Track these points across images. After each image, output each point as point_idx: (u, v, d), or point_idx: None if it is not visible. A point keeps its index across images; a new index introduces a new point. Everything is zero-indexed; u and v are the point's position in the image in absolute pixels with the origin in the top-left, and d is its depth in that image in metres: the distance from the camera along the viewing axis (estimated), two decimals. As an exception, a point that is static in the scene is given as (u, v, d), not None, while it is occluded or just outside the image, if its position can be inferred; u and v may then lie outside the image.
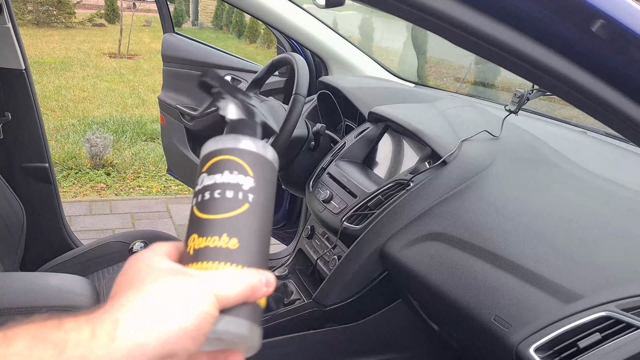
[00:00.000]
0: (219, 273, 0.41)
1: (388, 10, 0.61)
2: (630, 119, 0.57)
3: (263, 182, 0.45)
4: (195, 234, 0.43)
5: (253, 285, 0.41)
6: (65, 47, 9.54)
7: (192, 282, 0.39)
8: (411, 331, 1.40)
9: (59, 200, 1.99)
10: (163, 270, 0.40)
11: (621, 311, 0.80)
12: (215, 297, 0.39)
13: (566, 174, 1.19)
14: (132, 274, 0.40)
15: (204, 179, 0.45)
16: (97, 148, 3.98)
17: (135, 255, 0.43)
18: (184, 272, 0.40)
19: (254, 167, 0.45)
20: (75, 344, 0.34)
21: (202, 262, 0.42)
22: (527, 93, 1.16)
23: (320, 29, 1.93)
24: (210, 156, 0.46)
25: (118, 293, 0.39)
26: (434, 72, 6.87)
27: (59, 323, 0.35)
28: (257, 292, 0.41)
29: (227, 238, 0.42)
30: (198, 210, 0.44)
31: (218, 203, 0.43)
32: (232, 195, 0.43)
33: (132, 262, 0.42)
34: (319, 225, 1.51)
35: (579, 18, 0.52)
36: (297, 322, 1.35)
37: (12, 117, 1.76)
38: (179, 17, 13.43)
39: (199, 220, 0.43)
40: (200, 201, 0.44)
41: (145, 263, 0.41)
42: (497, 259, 0.98)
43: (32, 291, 1.20)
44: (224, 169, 0.44)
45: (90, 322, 0.35)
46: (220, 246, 0.42)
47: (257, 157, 0.46)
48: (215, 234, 0.42)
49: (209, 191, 0.44)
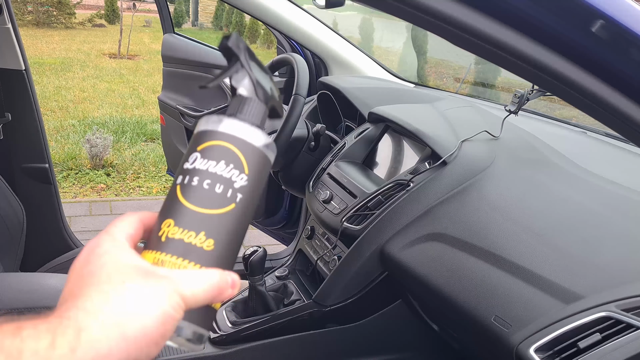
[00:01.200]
0: (187, 273, 0.39)
1: (388, 11, 0.60)
2: (630, 119, 0.57)
3: (255, 182, 0.43)
4: (171, 220, 0.41)
5: (220, 286, 0.40)
6: (65, 47, 9.54)
7: (160, 285, 0.37)
8: (411, 332, 1.40)
9: (59, 200, 1.99)
10: (130, 269, 0.38)
11: (621, 311, 0.80)
12: (182, 298, 0.38)
13: (566, 174, 1.19)
14: (96, 268, 0.37)
15: (196, 158, 0.42)
16: (97, 148, 3.98)
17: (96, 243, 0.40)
18: (151, 272, 0.38)
19: (252, 164, 0.42)
20: (31, 354, 0.32)
21: (171, 255, 0.40)
22: (527, 93, 1.16)
23: (320, 30, 1.93)
24: (210, 136, 0.42)
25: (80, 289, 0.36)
26: (434, 73, 6.87)
27: (17, 329, 0.33)
28: (223, 294, 0.40)
29: (203, 237, 0.40)
30: (181, 193, 0.41)
31: (204, 195, 0.41)
32: (221, 190, 0.41)
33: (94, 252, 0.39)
34: (319, 226, 1.51)
35: (578, 18, 0.52)
36: (297, 323, 1.35)
37: (12, 117, 1.76)
38: (179, 17, 13.43)
39: (179, 206, 0.41)
40: (186, 184, 0.41)
41: (110, 257, 0.38)
42: (497, 259, 0.98)
43: (32, 292, 1.20)
44: (220, 158, 0.41)
45: (50, 330, 0.33)
46: (194, 244, 0.40)
47: (258, 155, 0.43)
48: (192, 229, 0.40)
49: (197, 177, 0.41)
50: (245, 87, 0.44)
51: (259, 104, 0.44)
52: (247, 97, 0.44)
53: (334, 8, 1.03)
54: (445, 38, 0.59)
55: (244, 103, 0.44)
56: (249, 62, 0.44)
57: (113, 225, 0.41)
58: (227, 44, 0.43)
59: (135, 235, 0.42)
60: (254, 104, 0.44)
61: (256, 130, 0.43)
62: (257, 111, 0.44)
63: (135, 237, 0.42)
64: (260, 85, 0.44)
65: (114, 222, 0.42)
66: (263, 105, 0.45)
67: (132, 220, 0.42)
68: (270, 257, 1.93)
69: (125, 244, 0.40)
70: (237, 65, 0.44)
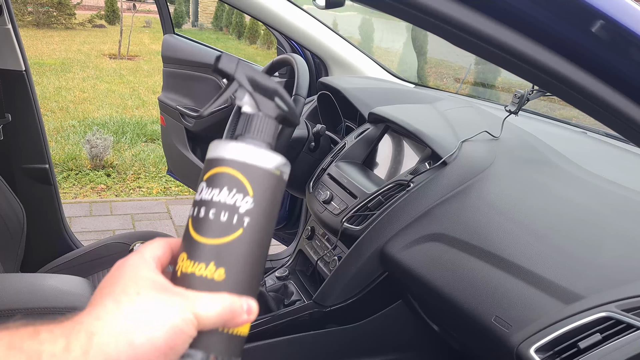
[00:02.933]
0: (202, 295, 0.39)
1: (388, 11, 0.61)
2: (630, 119, 0.57)
3: (264, 202, 0.42)
4: (185, 254, 0.41)
5: (233, 309, 0.40)
6: (65, 48, 9.54)
7: (173, 299, 0.38)
8: (411, 332, 1.40)
9: (59, 201, 1.99)
10: (147, 283, 0.39)
11: (622, 312, 0.80)
12: (195, 316, 0.38)
13: (566, 174, 1.19)
14: (115, 281, 0.39)
15: (202, 189, 0.42)
16: (98, 149, 3.98)
17: (125, 259, 0.42)
18: (167, 288, 0.39)
19: (257, 185, 0.41)
20: (49, 356, 0.34)
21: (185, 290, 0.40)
22: (527, 93, 1.16)
23: (320, 30, 1.93)
24: (213, 164, 0.42)
25: (98, 299, 0.38)
26: (434, 73, 6.88)
27: (35, 332, 0.35)
28: (236, 318, 0.40)
29: (213, 267, 0.40)
30: (192, 226, 0.42)
31: (210, 225, 0.41)
32: (226, 218, 0.40)
33: (119, 268, 0.41)
34: (319, 226, 1.51)
35: (578, 18, 0.52)
36: (297, 323, 1.35)
37: (13, 118, 1.76)
38: (179, 18, 13.44)
39: (190, 239, 0.41)
40: (195, 216, 0.42)
41: (132, 271, 0.40)
42: (497, 260, 0.98)
43: (32, 292, 1.20)
44: (223, 185, 0.41)
45: (65, 334, 0.35)
46: (205, 276, 0.40)
47: (263, 173, 0.42)
48: (202, 261, 0.40)
49: (204, 207, 0.41)
50: (247, 104, 0.43)
51: (264, 119, 0.43)
52: (251, 114, 0.43)
53: (334, 8, 1.03)
54: (445, 38, 0.59)
55: (248, 121, 0.43)
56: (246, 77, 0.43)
57: (142, 247, 0.43)
58: (219, 66, 0.42)
59: (163, 258, 0.43)
60: (258, 120, 0.43)
61: (257, 149, 0.42)
62: (262, 127, 0.43)
63: (163, 260, 0.43)
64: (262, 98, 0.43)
65: (144, 245, 0.44)
66: (269, 120, 0.43)
67: (161, 244, 0.44)
68: (270, 257, 1.93)
69: (151, 262, 0.41)
70: (234, 84, 0.43)
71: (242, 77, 0.43)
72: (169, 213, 3.45)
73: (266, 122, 0.43)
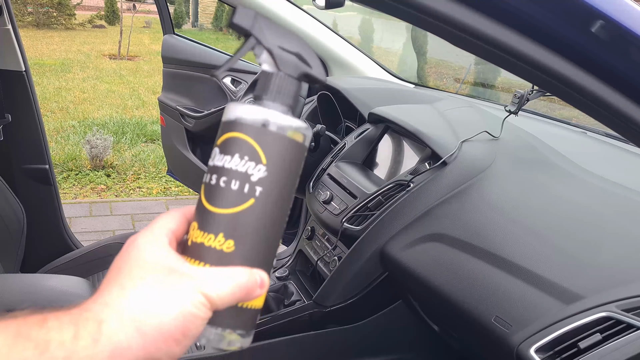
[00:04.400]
0: (212, 272, 0.38)
1: (387, 12, 0.61)
2: (630, 119, 0.57)
3: (279, 171, 0.39)
4: (195, 223, 0.40)
5: (247, 286, 0.39)
6: (65, 48, 9.54)
7: (181, 282, 0.37)
8: (412, 332, 1.40)
9: (59, 201, 1.99)
10: (155, 266, 0.37)
11: (622, 312, 0.80)
12: (206, 297, 0.37)
13: (566, 174, 1.19)
14: (122, 264, 0.38)
15: (216, 154, 0.40)
16: (97, 149, 3.98)
17: (134, 238, 0.40)
18: (175, 269, 0.38)
19: (270, 152, 0.39)
20: (58, 344, 0.33)
21: (193, 260, 0.39)
22: (527, 94, 1.16)
23: (320, 30, 1.93)
24: (227, 127, 0.40)
25: (105, 285, 0.37)
26: (434, 73, 6.88)
27: (42, 320, 0.34)
28: (251, 294, 0.39)
29: (222, 239, 0.38)
30: (204, 194, 0.40)
31: (221, 194, 0.39)
32: (237, 187, 0.38)
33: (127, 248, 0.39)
34: (319, 226, 1.51)
35: (578, 19, 0.52)
36: (297, 324, 1.35)
37: (12, 118, 1.76)
38: (178, 18, 13.43)
39: (201, 208, 0.40)
40: (207, 183, 0.40)
41: (138, 253, 0.38)
42: (497, 260, 0.98)
43: (32, 293, 1.20)
44: (235, 151, 0.39)
45: (73, 322, 0.34)
46: (214, 247, 0.39)
47: (277, 138, 0.39)
48: (211, 231, 0.39)
49: (216, 175, 0.39)
50: (267, 63, 0.40)
51: (283, 78, 0.40)
52: (269, 73, 0.40)
53: (334, 9, 1.03)
54: (445, 39, 0.59)
55: (266, 81, 0.40)
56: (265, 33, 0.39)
57: (155, 221, 0.41)
58: (233, 21, 0.39)
59: (177, 230, 0.41)
60: (277, 80, 0.40)
61: (272, 111, 0.39)
62: (279, 88, 0.40)
63: (178, 232, 0.41)
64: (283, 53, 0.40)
65: (157, 217, 0.41)
66: (289, 78, 0.40)
67: (176, 215, 0.42)
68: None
69: (162, 240, 0.39)
70: (250, 40, 0.39)
71: (260, 33, 0.39)
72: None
73: (286, 82, 0.40)
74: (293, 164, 0.40)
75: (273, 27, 0.40)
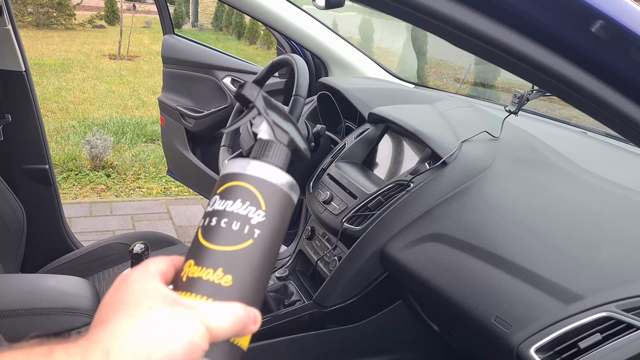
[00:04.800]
0: (212, 304, 0.40)
1: (387, 12, 0.61)
2: (630, 119, 0.57)
3: (275, 218, 0.43)
4: (192, 260, 0.42)
5: (244, 321, 0.40)
6: (65, 48, 9.54)
7: (186, 314, 0.38)
8: (412, 332, 1.40)
9: (59, 201, 1.99)
10: (158, 297, 0.39)
11: (622, 312, 0.80)
12: (207, 329, 0.38)
13: (566, 174, 1.19)
14: (125, 295, 0.39)
15: (215, 201, 0.44)
16: (97, 149, 3.98)
17: (128, 274, 0.41)
18: (179, 301, 0.39)
19: (270, 200, 0.43)
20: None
21: (191, 293, 0.41)
22: (527, 93, 1.16)
23: (320, 30, 1.93)
24: (228, 178, 0.44)
25: (111, 315, 0.38)
26: (434, 73, 6.88)
27: (49, 351, 0.34)
28: (246, 328, 0.41)
29: (221, 273, 0.41)
30: (202, 234, 0.43)
31: (221, 233, 0.42)
32: (237, 227, 0.42)
33: (125, 282, 0.40)
34: (319, 226, 1.51)
35: (578, 19, 0.52)
36: (297, 324, 1.35)
37: (13, 118, 1.76)
38: (178, 18, 13.43)
39: (199, 246, 0.42)
40: (205, 225, 0.43)
41: (140, 286, 0.39)
42: (497, 260, 0.98)
43: (32, 293, 1.20)
44: (236, 197, 0.43)
45: (80, 353, 0.34)
46: (212, 281, 0.41)
47: (276, 191, 0.44)
48: (210, 266, 0.41)
49: (216, 217, 0.43)
50: (264, 131, 0.46)
51: (279, 146, 0.46)
52: (266, 140, 0.46)
53: (334, 9, 1.03)
54: (444, 39, 0.59)
55: (265, 146, 0.46)
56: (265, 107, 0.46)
57: (146, 262, 0.43)
58: (242, 92, 0.46)
59: (167, 273, 0.43)
60: (272, 146, 0.46)
61: (274, 168, 0.45)
62: (277, 153, 0.46)
63: (167, 275, 0.43)
64: (279, 128, 0.46)
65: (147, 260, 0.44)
66: (284, 147, 0.46)
67: (165, 259, 0.44)
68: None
69: (156, 276, 0.41)
70: (254, 111, 0.46)
71: (262, 105, 0.46)
72: (169, 213, 3.45)
73: (281, 149, 0.46)
74: (285, 214, 0.45)
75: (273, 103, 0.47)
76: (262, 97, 0.47)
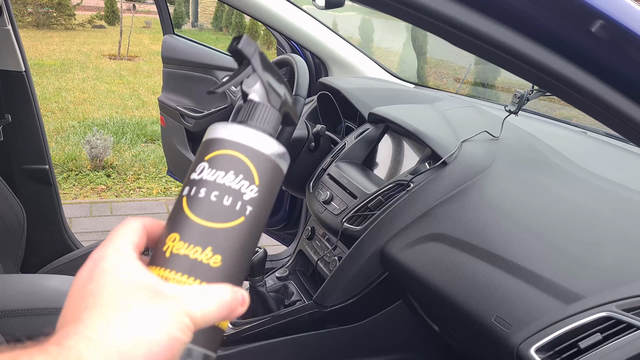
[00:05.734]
0: (197, 290, 0.37)
1: (387, 12, 0.61)
2: (630, 119, 0.57)
3: (266, 194, 0.40)
4: (177, 234, 0.38)
5: (232, 304, 0.38)
6: (65, 48, 9.54)
7: (168, 306, 0.35)
8: (412, 332, 1.40)
9: (59, 201, 1.99)
10: (137, 289, 0.35)
11: (622, 311, 0.80)
12: (191, 319, 0.35)
13: (566, 174, 1.19)
14: (98, 288, 0.35)
15: (203, 168, 0.40)
16: (98, 150, 3.98)
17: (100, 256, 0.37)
18: (160, 291, 0.35)
19: (263, 175, 0.40)
20: None
21: (175, 272, 0.38)
22: (527, 93, 1.16)
23: (320, 30, 1.93)
24: (219, 144, 0.40)
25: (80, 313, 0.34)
26: (434, 73, 6.88)
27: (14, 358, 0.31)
28: (234, 312, 0.38)
29: (210, 253, 0.38)
30: (188, 206, 0.39)
31: (211, 207, 0.38)
32: (229, 203, 0.39)
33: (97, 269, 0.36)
34: (320, 226, 1.51)
35: (578, 19, 0.52)
36: (297, 324, 1.35)
37: (12, 119, 1.76)
38: (178, 18, 13.44)
39: (185, 219, 0.39)
40: (192, 195, 0.39)
41: (115, 276, 0.35)
42: (497, 260, 0.98)
43: (33, 293, 1.20)
44: (229, 169, 0.39)
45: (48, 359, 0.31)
46: (200, 260, 0.38)
47: (270, 164, 0.41)
48: (199, 244, 0.38)
49: (205, 188, 0.39)
50: (256, 92, 0.42)
51: (272, 110, 0.42)
52: (258, 102, 0.42)
53: (334, 9, 1.03)
54: (445, 39, 0.59)
55: (255, 109, 0.42)
56: (262, 65, 0.42)
57: (117, 234, 0.39)
58: (238, 46, 0.41)
59: (140, 244, 0.39)
60: (266, 110, 0.42)
61: (268, 138, 0.41)
62: (270, 118, 0.42)
63: (140, 246, 0.39)
64: (273, 90, 0.42)
65: (117, 229, 0.39)
66: (276, 112, 0.42)
67: (136, 227, 0.40)
68: (270, 257, 1.93)
69: (132, 257, 0.37)
70: (249, 69, 0.42)
71: (258, 64, 0.42)
72: (169, 213, 3.45)
73: (272, 114, 0.42)
74: (277, 187, 0.42)
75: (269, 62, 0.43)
76: (259, 55, 0.42)
